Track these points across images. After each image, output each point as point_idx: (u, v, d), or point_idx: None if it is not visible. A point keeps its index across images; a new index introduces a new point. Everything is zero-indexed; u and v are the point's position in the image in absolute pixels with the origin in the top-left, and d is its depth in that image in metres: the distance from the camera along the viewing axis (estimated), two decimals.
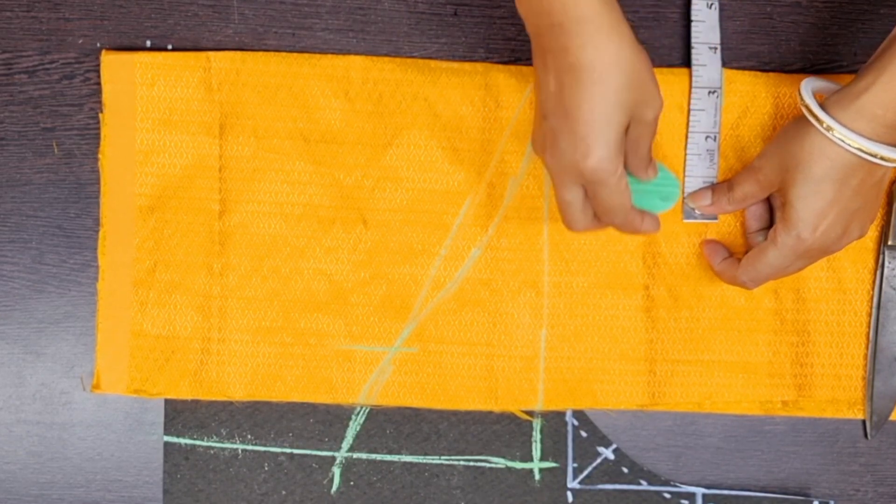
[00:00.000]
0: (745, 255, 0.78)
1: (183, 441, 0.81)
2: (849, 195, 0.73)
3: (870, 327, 0.82)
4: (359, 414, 0.82)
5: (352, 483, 0.82)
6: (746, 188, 0.78)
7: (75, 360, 0.81)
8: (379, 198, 0.81)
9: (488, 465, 0.82)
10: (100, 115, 0.81)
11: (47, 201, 0.81)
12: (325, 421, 0.81)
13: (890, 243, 0.81)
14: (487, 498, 0.82)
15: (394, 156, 0.81)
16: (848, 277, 0.82)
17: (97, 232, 0.81)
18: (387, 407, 0.82)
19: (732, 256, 0.80)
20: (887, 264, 0.81)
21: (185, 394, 0.80)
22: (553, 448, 0.82)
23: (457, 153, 0.81)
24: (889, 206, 0.81)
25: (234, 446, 0.81)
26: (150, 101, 0.80)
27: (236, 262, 0.81)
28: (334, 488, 0.82)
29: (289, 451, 0.82)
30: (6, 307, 0.81)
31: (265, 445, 0.81)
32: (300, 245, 0.81)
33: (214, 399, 0.81)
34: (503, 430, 0.82)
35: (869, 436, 0.83)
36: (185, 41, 0.82)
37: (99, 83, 0.81)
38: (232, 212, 0.81)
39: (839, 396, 0.82)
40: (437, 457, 0.82)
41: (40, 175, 0.81)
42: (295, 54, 0.81)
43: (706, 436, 0.83)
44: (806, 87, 0.74)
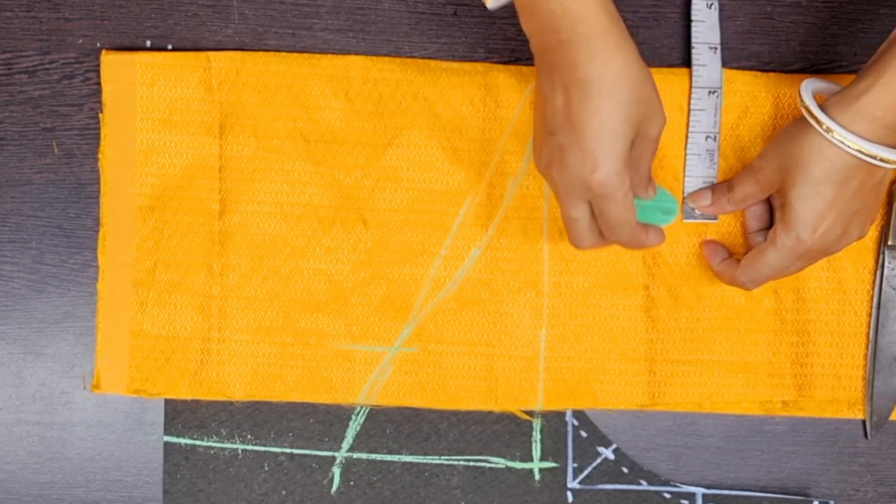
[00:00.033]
0: (745, 255, 0.78)
1: (183, 441, 0.81)
2: (848, 196, 0.73)
3: (870, 327, 0.82)
4: (359, 414, 0.82)
5: (352, 483, 0.82)
6: (746, 189, 0.78)
7: (75, 360, 0.81)
8: (379, 198, 0.81)
9: (488, 465, 0.82)
10: (100, 115, 0.81)
11: (47, 201, 0.81)
12: (325, 421, 0.82)
13: (890, 243, 0.81)
14: (487, 498, 0.82)
15: (394, 156, 0.81)
16: (848, 277, 0.82)
17: (97, 232, 0.81)
18: (387, 407, 0.82)
19: (732, 257, 0.80)
20: (887, 264, 0.81)
21: (185, 394, 0.81)
22: (553, 448, 0.82)
23: (457, 153, 0.81)
24: (889, 206, 0.81)
25: (234, 446, 0.81)
26: (150, 101, 0.80)
27: (236, 262, 0.81)
28: (334, 488, 0.82)
29: (289, 451, 0.82)
30: (6, 307, 0.81)
31: (265, 445, 0.81)
32: (300, 245, 0.81)
33: (214, 399, 0.81)
34: (503, 430, 0.82)
35: (869, 436, 0.83)
36: (185, 41, 0.82)
37: (99, 83, 0.81)
38: (232, 212, 0.81)
39: (839, 396, 0.82)
40: (437, 457, 0.82)
41: (40, 175, 0.81)
42: (295, 54, 0.81)
43: (706, 436, 0.83)
44: (806, 88, 0.74)
